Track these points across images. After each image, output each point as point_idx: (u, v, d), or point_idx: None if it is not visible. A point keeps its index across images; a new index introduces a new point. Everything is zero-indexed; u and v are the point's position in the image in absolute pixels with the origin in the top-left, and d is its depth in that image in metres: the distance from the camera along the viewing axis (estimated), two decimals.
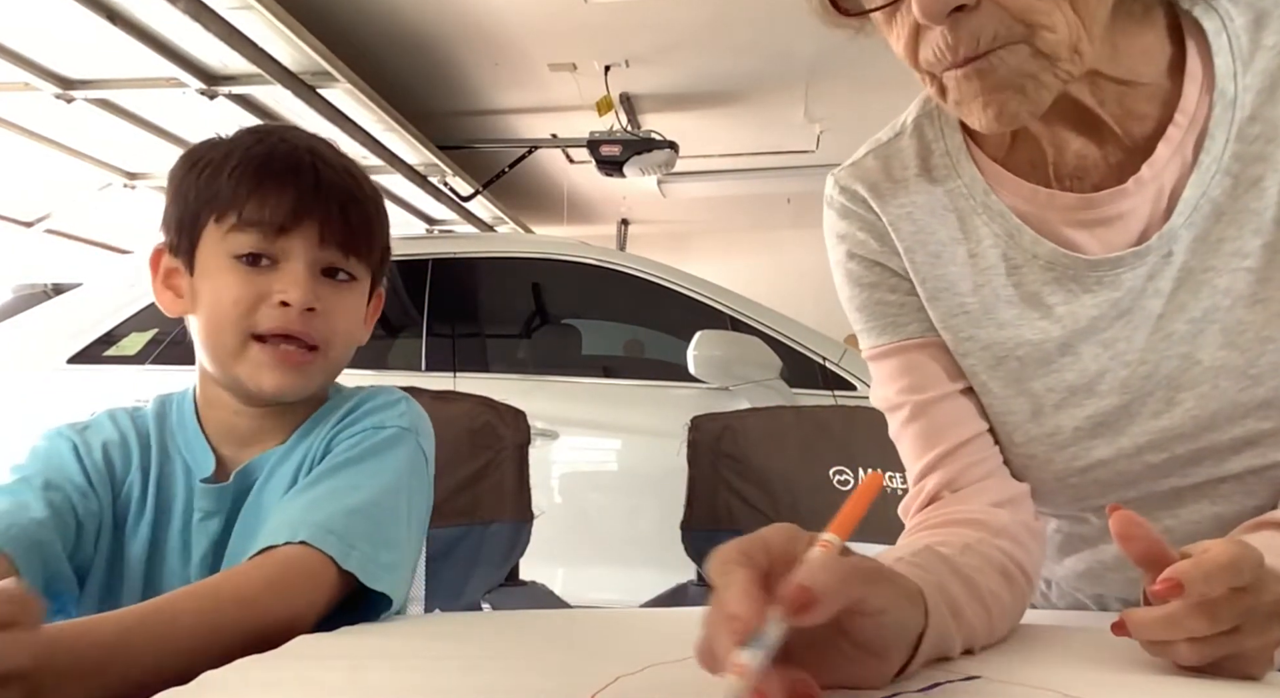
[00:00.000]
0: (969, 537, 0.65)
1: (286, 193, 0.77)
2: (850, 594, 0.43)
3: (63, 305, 3.20)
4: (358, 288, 0.84)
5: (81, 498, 0.77)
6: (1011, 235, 0.71)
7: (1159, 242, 0.66)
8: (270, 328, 0.77)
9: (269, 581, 0.64)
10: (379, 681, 0.49)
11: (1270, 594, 0.48)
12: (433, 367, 3.02)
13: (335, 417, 0.83)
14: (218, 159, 0.79)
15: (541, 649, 0.58)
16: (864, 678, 0.47)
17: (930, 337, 0.76)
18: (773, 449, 1.39)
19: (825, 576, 0.42)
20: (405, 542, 0.75)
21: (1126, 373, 0.69)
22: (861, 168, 0.78)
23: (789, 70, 4.35)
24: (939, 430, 0.74)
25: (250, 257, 0.77)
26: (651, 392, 3.06)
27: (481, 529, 1.24)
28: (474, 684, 0.49)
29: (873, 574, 0.46)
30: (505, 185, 5.50)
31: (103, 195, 5.07)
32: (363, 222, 0.82)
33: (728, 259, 7.13)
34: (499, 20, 3.86)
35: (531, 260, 3.36)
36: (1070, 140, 0.67)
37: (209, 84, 3.54)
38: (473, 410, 1.29)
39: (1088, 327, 0.69)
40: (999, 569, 0.63)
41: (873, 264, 0.78)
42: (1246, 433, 0.66)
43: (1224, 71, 0.64)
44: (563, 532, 2.80)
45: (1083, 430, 0.71)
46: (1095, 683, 0.48)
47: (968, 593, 0.56)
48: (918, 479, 0.76)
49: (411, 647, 0.59)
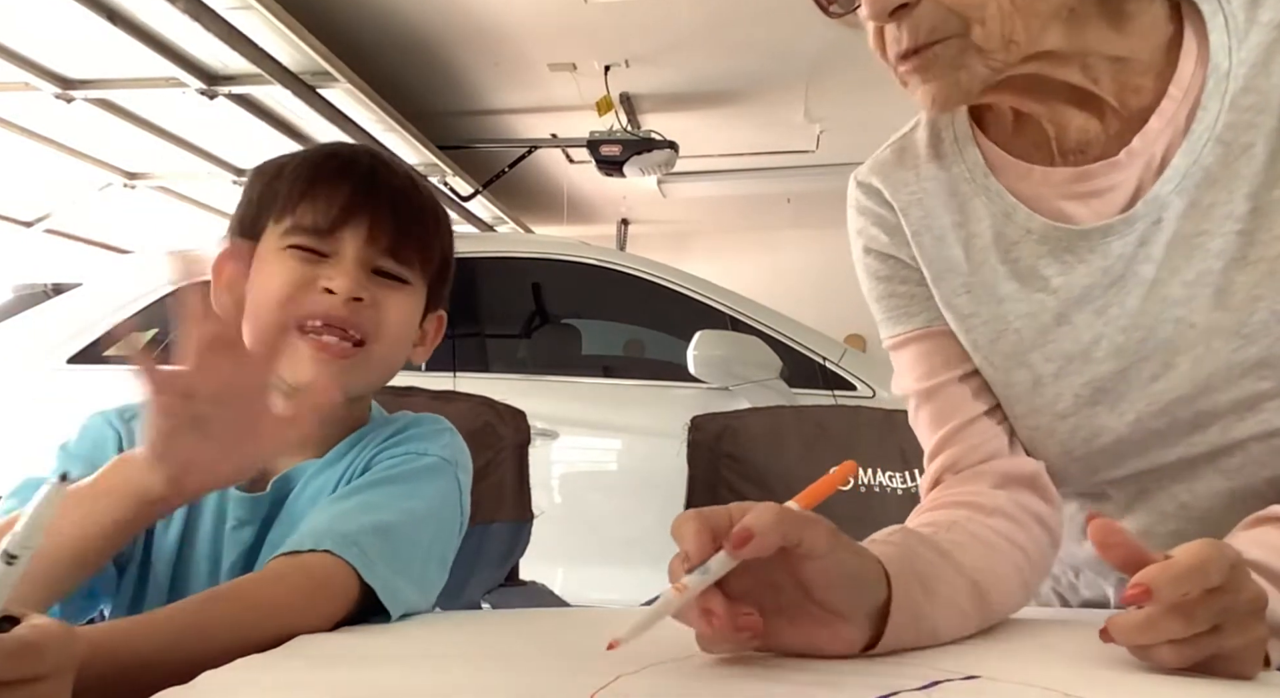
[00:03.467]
0: (957, 516, 0.68)
1: (340, 190, 0.79)
2: (786, 532, 0.48)
3: (63, 305, 3.21)
4: (410, 292, 0.83)
5: None
6: (1008, 214, 0.74)
7: (1144, 207, 0.68)
8: (313, 313, 0.77)
9: (299, 589, 0.64)
10: (379, 681, 0.49)
11: (1248, 592, 0.49)
12: (432, 366, 3.00)
13: (379, 437, 0.83)
14: (280, 165, 0.82)
15: (541, 649, 0.58)
16: (834, 643, 0.52)
17: (939, 325, 0.79)
18: (773, 449, 1.39)
19: (765, 515, 0.48)
20: (422, 569, 0.74)
21: (1122, 338, 0.71)
22: (878, 161, 0.82)
23: (789, 70, 4.35)
24: (945, 413, 0.78)
25: (303, 249, 0.79)
26: (651, 392, 3.06)
27: (481, 529, 1.24)
28: (474, 684, 0.49)
29: (813, 521, 0.50)
30: (505, 185, 5.50)
31: (103, 195, 5.08)
32: (415, 223, 0.83)
33: (728, 259, 7.13)
34: (499, 20, 3.86)
35: (531, 260, 3.36)
36: (1071, 117, 0.69)
37: (209, 84, 3.55)
38: (472, 410, 1.29)
39: (1081, 296, 0.72)
40: (985, 543, 0.65)
41: (886, 257, 0.81)
42: (1246, 395, 0.67)
43: (1219, 46, 0.66)
44: (563, 532, 2.80)
45: (1082, 398, 0.73)
46: (1095, 682, 0.48)
47: (944, 563, 0.59)
48: (929, 461, 0.79)
49: (411, 646, 0.59)
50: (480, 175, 5.31)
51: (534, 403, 1.48)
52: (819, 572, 0.50)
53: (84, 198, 5.13)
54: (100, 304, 3.09)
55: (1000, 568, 0.64)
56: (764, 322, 3.03)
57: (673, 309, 3.12)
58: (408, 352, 0.86)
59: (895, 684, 0.47)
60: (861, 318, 3.61)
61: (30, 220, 5.51)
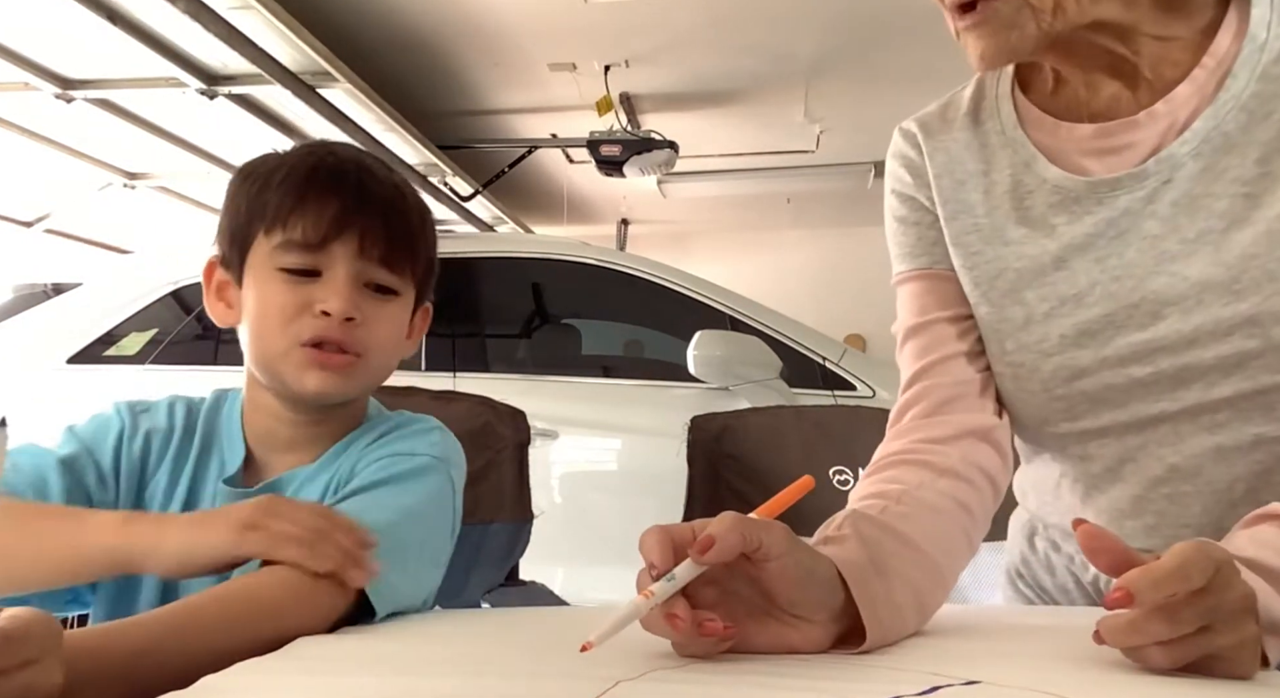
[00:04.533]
0: (908, 482, 0.71)
1: (329, 205, 0.79)
2: (746, 536, 0.51)
3: (63, 305, 3.21)
4: (400, 301, 0.85)
5: (98, 483, 0.80)
6: (1027, 164, 0.77)
7: (1156, 165, 0.71)
8: (312, 336, 0.79)
9: (294, 589, 0.64)
10: (379, 684, 0.49)
11: (1236, 591, 0.49)
12: (432, 366, 3.01)
13: (368, 440, 0.84)
14: (268, 172, 0.81)
15: (541, 649, 0.58)
16: (804, 643, 0.55)
17: (941, 268, 0.83)
18: (772, 449, 1.39)
19: (725, 523, 0.51)
20: (415, 567, 0.75)
21: (1116, 286, 0.73)
22: (924, 113, 0.87)
23: (789, 70, 4.35)
24: (928, 347, 0.82)
25: (295, 271, 0.79)
26: (651, 392, 3.06)
27: (481, 529, 1.24)
28: (474, 685, 0.49)
29: (771, 526, 0.53)
30: (505, 185, 5.50)
31: (103, 195, 5.07)
32: (405, 233, 0.83)
33: (728, 259, 7.13)
34: (499, 20, 3.86)
35: (531, 260, 3.36)
36: (1105, 84, 0.73)
37: (209, 84, 3.54)
38: (472, 410, 1.29)
39: (1083, 243, 0.74)
40: (932, 509, 0.69)
41: (905, 198, 0.85)
42: (1233, 352, 0.68)
43: (1259, 20, 0.68)
44: (563, 532, 2.80)
45: (1068, 338, 0.75)
46: (1094, 685, 0.48)
47: (893, 541, 0.62)
48: (902, 391, 0.83)
49: (411, 647, 0.59)
50: (480, 175, 5.31)
51: (534, 403, 1.48)
52: (778, 573, 0.53)
53: (84, 198, 5.13)
54: (100, 304, 3.10)
55: (948, 530, 0.69)
56: (764, 322, 3.03)
57: (673, 309, 3.12)
58: (401, 353, 0.88)
59: (896, 689, 0.47)
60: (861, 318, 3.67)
61: (30, 220, 5.50)
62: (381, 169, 0.85)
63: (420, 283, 0.88)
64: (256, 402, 0.84)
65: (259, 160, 0.84)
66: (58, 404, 2.75)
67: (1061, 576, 0.89)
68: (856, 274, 6.26)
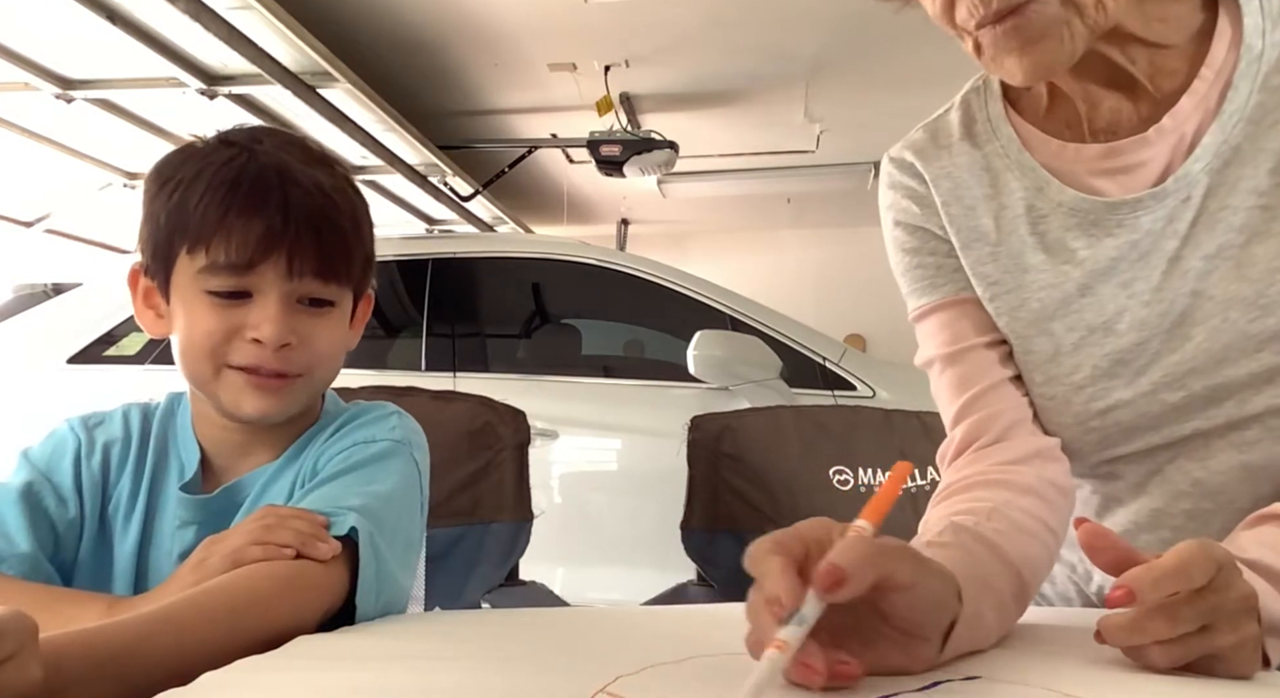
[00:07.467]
0: (996, 500, 0.68)
1: (254, 225, 0.74)
2: (878, 569, 0.46)
3: (63, 305, 3.21)
4: (337, 310, 0.81)
5: (58, 504, 0.78)
6: (1040, 188, 0.75)
7: (1175, 184, 0.69)
8: (244, 363, 0.76)
9: (280, 579, 0.64)
10: (379, 681, 0.49)
11: (1237, 591, 0.49)
12: (432, 367, 3.01)
13: (328, 432, 0.83)
14: (187, 179, 0.76)
15: (541, 649, 0.58)
16: (911, 663, 0.50)
17: (967, 294, 0.80)
18: (773, 449, 1.39)
19: (853, 553, 0.45)
20: (390, 551, 0.73)
21: (1145, 312, 0.71)
22: (911, 139, 0.84)
23: (789, 70, 4.35)
24: (969, 378, 0.78)
25: (223, 294, 0.75)
26: (651, 392, 3.06)
27: (481, 529, 1.24)
28: (474, 684, 0.49)
29: (899, 551, 0.48)
30: (505, 185, 5.50)
31: (103, 195, 5.06)
32: (337, 244, 0.78)
33: (728, 259, 7.13)
34: (499, 20, 3.86)
35: (531, 260, 3.36)
36: (1103, 97, 0.71)
37: (209, 84, 3.54)
38: (472, 410, 1.29)
39: (1107, 268, 0.72)
40: (1023, 530, 0.65)
41: (915, 229, 0.82)
42: (1263, 368, 0.67)
43: (1252, 29, 0.67)
44: (563, 532, 2.80)
45: (1100, 369, 0.73)
46: (1095, 682, 0.48)
47: (994, 560, 0.59)
48: (951, 427, 0.79)
49: (411, 646, 0.59)
50: (480, 175, 5.30)
51: (534, 403, 1.48)
52: (907, 604, 0.48)
53: (84, 198, 5.12)
54: (100, 304, 3.09)
55: (1037, 554, 0.65)
56: (764, 322, 3.03)
57: (672, 309, 3.12)
58: (345, 350, 0.84)
59: (896, 685, 0.47)
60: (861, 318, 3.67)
61: (30, 220, 5.50)
62: (307, 172, 0.77)
63: (358, 283, 0.83)
64: (201, 412, 0.82)
65: (174, 163, 0.78)
66: (58, 404, 2.75)
67: (1063, 584, 0.89)
68: (856, 274, 6.26)
